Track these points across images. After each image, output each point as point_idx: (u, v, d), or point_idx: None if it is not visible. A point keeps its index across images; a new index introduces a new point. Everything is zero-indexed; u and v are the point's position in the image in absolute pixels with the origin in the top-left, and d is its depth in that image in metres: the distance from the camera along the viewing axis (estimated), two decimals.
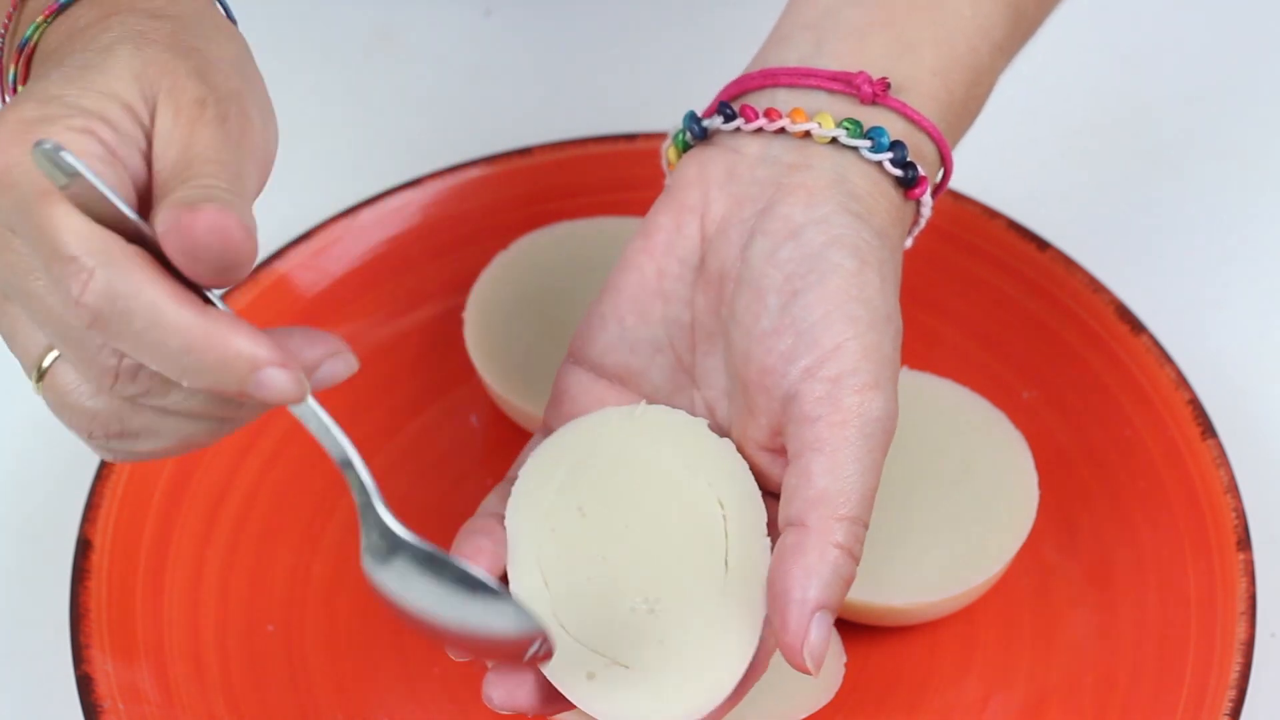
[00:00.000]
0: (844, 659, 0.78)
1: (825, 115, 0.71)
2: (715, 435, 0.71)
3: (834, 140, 0.71)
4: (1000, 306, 0.88)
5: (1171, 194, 0.97)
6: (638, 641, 0.68)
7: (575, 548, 0.70)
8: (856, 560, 0.67)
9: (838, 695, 0.77)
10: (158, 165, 0.62)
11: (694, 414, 0.72)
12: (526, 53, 1.03)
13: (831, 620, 0.66)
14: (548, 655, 0.65)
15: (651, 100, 1.00)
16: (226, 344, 0.58)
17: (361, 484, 0.63)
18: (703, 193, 0.72)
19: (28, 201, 0.59)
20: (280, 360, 0.59)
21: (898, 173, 0.71)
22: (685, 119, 0.73)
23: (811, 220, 0.69)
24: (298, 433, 0.85)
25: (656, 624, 0.68)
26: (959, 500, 0.80)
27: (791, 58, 0.73)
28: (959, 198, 0.89)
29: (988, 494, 0.80)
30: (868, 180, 0.71)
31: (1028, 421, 0.84)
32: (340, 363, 0.63)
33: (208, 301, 0.60)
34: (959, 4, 0.74)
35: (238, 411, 0.63)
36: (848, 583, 0.67)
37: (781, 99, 0.72)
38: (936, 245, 0.88)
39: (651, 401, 0.72)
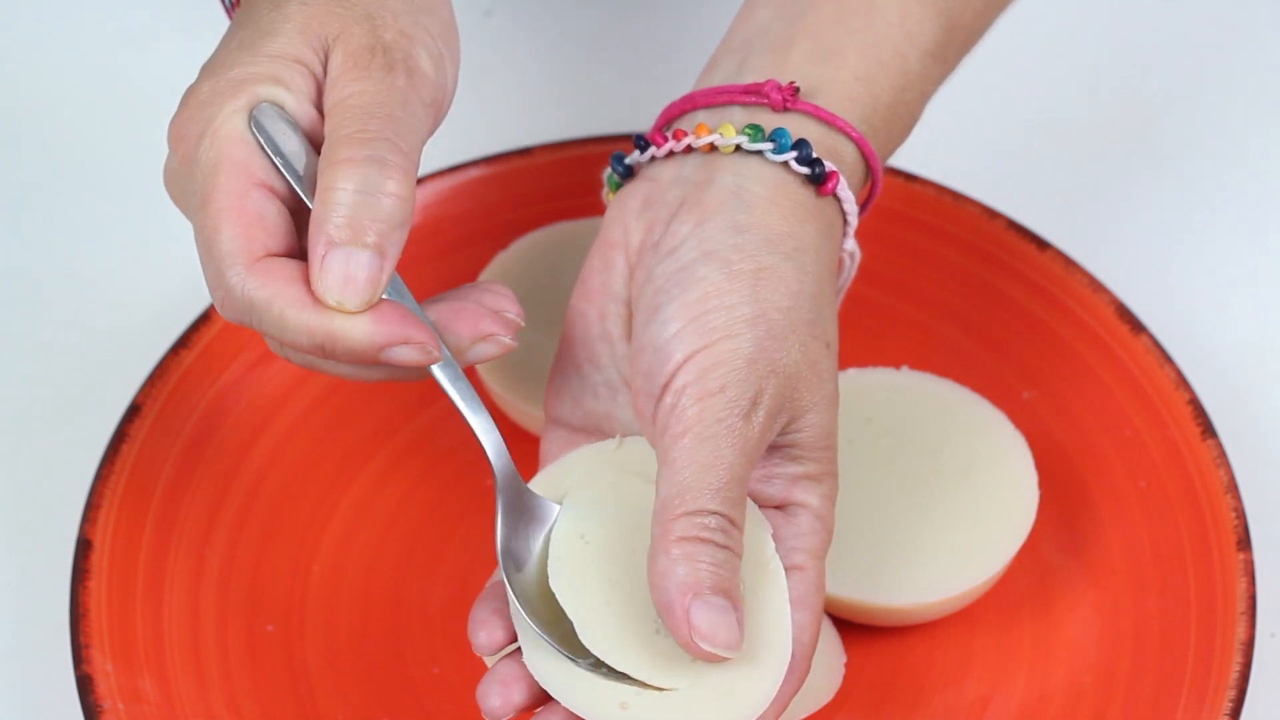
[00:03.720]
0: (844, 659, 0.78)
1: (727, 125, 0.71)
2: None
3: (739, 148, 0.71)
4: (1000, 306, 0.88)
5: (1172, 194, 0.96)
6: (667, 663, 0.67)
7: (585, 574, 0.69)
8: (713, 543, 0.66)
9: (838, 695, 0.77)
10: (327, 105, 0.67)
11: None
12: (526, 53, 1.03)
13: (715, 601, 0.65)
14: None
15: (651, 100, 0.99)
16: (348, 337, 0.65)
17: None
18: (623, 226, 0.72)
19: (199, 198, 0.66)
20: (402, 338, 0.65)
21: (805, 170, 0.71)
22: (612, 160, 0.74)
23: (692, 236, 0.69)
24: (298, 433, 0.85)
25: None
26: (959, 500, 0.80)
27: (716, 80, 0.73)
28: (959, 198, 0.89)
29: (988, 494, 0.80)
30: (768, 185, 0.70)
31: (1028, 421, 0.84)
32: (493, 346, 0.68)
33: None
34: (886, 12, 0.74)
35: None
36: (714, 562, 0.66)
37: (700, 120, 0.73)
38: (937, 245, 0.88)
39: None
